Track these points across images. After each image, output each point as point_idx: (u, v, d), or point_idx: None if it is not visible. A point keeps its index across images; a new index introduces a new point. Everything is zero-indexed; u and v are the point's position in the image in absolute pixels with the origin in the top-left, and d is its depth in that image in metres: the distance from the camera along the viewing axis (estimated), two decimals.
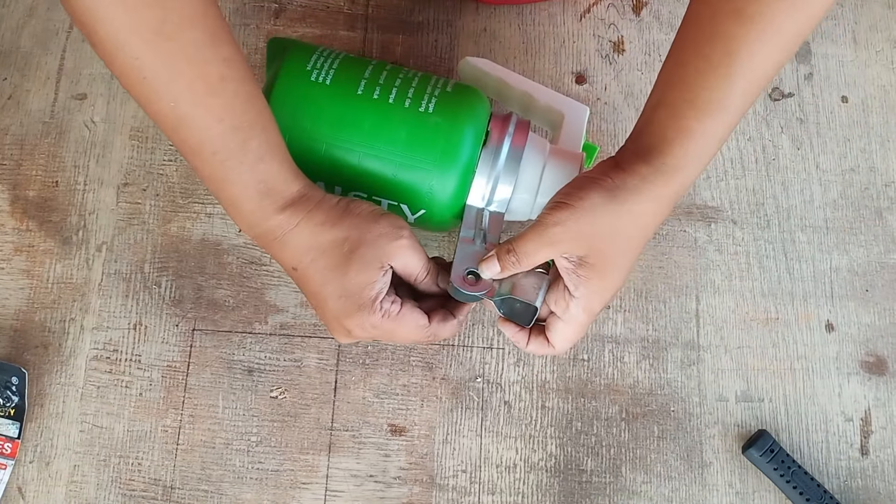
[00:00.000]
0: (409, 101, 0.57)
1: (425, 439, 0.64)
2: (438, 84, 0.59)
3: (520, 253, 0.52)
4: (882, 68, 0.75)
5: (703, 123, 0.49)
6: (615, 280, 0.53)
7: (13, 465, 0.62)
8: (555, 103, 0.63)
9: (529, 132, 0.59)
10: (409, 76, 0.59)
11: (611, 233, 0.50)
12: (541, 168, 0.58)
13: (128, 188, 0.68)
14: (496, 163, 0.57)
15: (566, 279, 0.52)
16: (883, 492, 0.65)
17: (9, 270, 0.66)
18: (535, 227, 0.51)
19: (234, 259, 0.67)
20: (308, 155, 0.57)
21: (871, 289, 0.69)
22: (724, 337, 0.67)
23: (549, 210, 0.51)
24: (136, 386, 0.65)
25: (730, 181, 0.71)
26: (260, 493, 0.63)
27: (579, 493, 0.64)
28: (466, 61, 0.65)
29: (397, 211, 0.60)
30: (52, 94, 0.70)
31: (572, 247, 0.50)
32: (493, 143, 0.58)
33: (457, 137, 0.57)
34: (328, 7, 0.74)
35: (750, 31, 0.47)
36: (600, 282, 0.52)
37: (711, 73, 0.48)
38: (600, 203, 0.49)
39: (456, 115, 0.57)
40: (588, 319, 0.53)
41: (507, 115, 0.59)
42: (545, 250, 0.51)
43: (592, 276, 0.51)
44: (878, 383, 0.67)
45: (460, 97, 0.59)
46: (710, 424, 0.66)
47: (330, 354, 0.66)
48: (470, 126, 0.57)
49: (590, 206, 0.49)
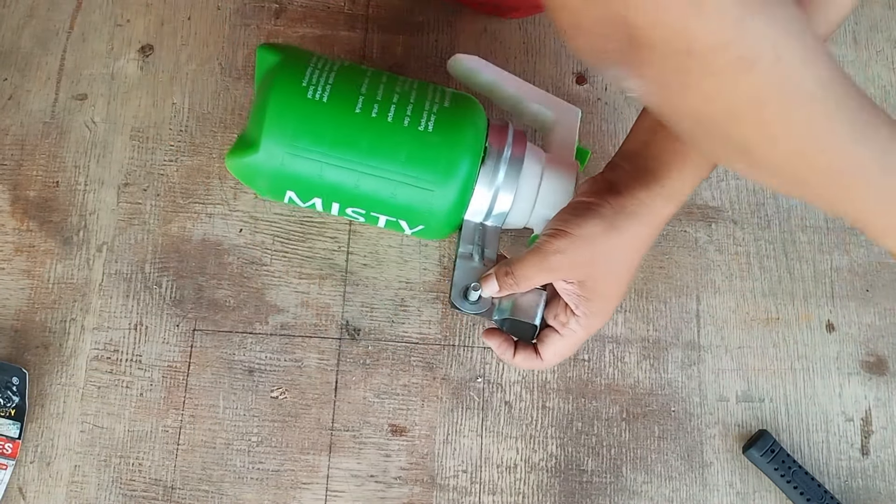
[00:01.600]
0: (409, 120, 0.57)
1: (426, 439, 0.64)
2: (436, 98, 0.58)
3: (518, 276, 0.53)
4: (882, 68, 0.75)
5: None
6: (614, 300, 0.54)
7: (14, 466, 0.62)
8: (546, 105, 0.63)
9: (527, 143, 0.59)
10: (407, 89, 0.58)
11: (608, 259, 0.51)
12: (538, 179, 0.58)
13: (128, 188, 0.68)
14: (496, 177, 0.57)
15: (567, 299, 0.53)
16: (883, 492, 0.65)
17: (9, 270, 0.66)
18: (534, 252, 0.52)
19: (234, 259, 0.67)
20: (305, 172, 0.57)
21: (872, 289, 0.69)
22: (724, 337, 0.67)
23: (547, 237, 0.51)
24: (137, 386, 0.65)
25: (730, 181, 0.71)
26: (260, 494, 0.63)
27: (580, 493, 0.64)
28: (456, 59, 0.64)
29: (395, 227, 0.60)
30: (52, 95, 0.70)
31: (570, 274, 0.52)
32: (492, 157, 0.58)
33: (457, 156, 0.56)
34: (328, 7, 0.74)
35: None
36: (600, 303, 0.53)
37: None
38: (599, 231, 0.50)
39: (456, 133, 0.57)
40: (585, 337, 0.55)
41: (503, 126, 0.59)
42: (544, 276, 0.52)
43: (592, 297, 0.52)
44: (878, 383, 0.67)
45: (459, 113, 0.58)
46: (711, 424, 0.66)
47: (330, 354, 0.66)
48: (469, 144, 0.57)
49: (589, 234, 0.50)
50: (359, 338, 0.66)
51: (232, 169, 0.59)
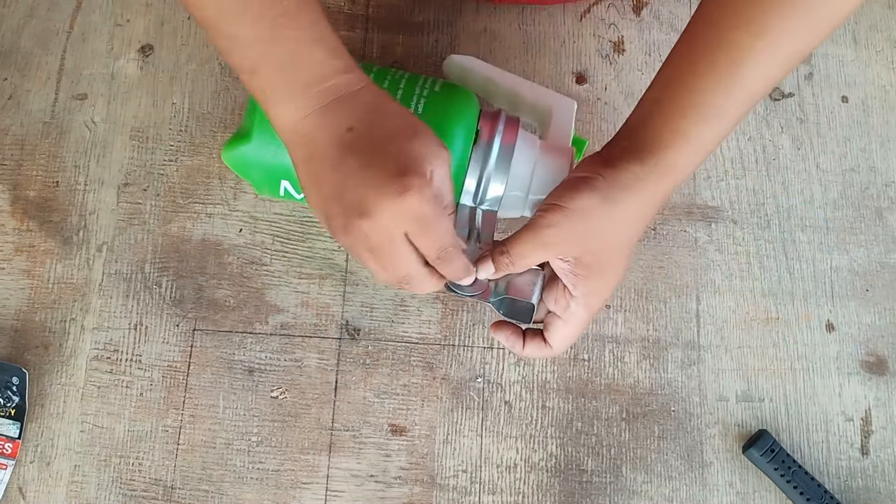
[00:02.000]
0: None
1: (426, 439, 0.64)
2: (427, 84, 0.59)
3: (514, 254, 0.52)
4: (882, 68, 0.75)
5: (700, 128, 0.49)
6: (612, 278, 0.53)
7: (14, 466, 0.62)
8: (542, 98, 0.63)
9: (519, 129, 0.59)
10: (397, 77, 0.59)
11: (604, 233, 0.50)
12: (532, 165, 0.58)
13: (128, 188, 0.68)
14: (487, 161, 0.57)
15: (564, 279, 0.52)
16: (883, 491, 0.65)
17: (9, 270, 0.66)
18: (528, 228, 0.51)
19: (234, 259, 0.67)
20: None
21: (872, 289, 0.69)
22: (724, 337, 0.68)
23: (542, 212, 0.51)
24: (137, 386, 0.65)
25: (730, 181, 0.71)
26: (260, 494, 0.63)
27: (580, 493, 0.64)
28: (451, 59, 0.64)
29: None
30: (52, 95, 0.70)
31: (566, 249, 0.51)
32: (483, 141, 0.57)
33: (447, 139, 0.56)
34: (328, 7, 0.74)
35: (757, 43, 0.47)
36: (598, 280, 0.52)
37: (714, 78, 0.48)
38: (593, 205, 0.50)
39: (445, 116, 0.57)
40: (588, 317, 0.54)
41: (496, 112, 0.59)
42: (539, 252, 0.51)
43: (589, 274, 0.51)
44: (878, 383, 0.67)
45: (449, 97, 0.58)
46: (711, 424, 0.66)
47: (330, 354, 0.66)
48: (459, 126, 0.57)
49: (583, 207, 0.50)
50: (359, 338, 0.66)
51: (227, 161, 0.60)
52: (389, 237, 0.47)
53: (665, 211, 0.70)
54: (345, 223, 0.47)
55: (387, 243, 0.48)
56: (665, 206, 0.54)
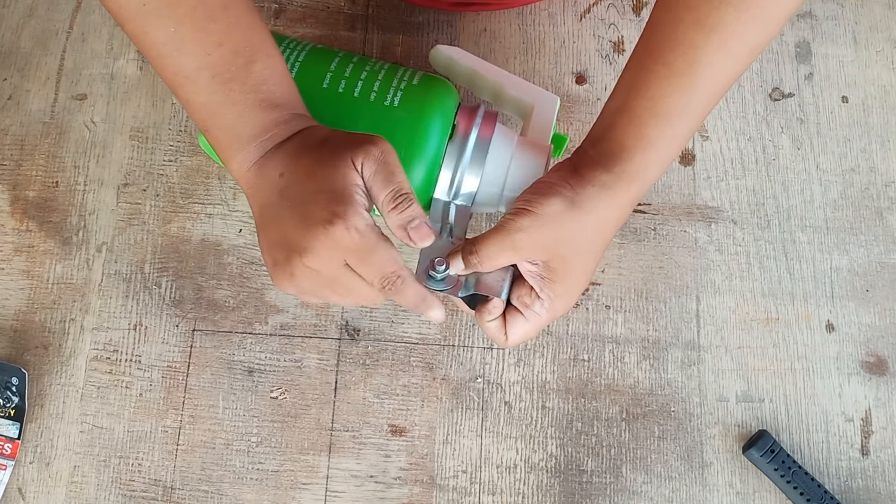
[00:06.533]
0: (375, 95, 0.57)
1: (426, 440, 0.64)
2: (405, 77, 0.58)
3: (482, 255, 0.52)
4: (882, 68, 0.75)
5: (663, 131, 0.50)
6: (578, 284, 0.53)
7: (13, 466, 0.62)
8: (525, 93, 0.63)
9: (497, 124, 0.58)
10: (376, 68, 0.59)
11: (573, 239, 0.51)
12: (507, 161, 0.58)
13: (128, 188, 0.68)
14: (462, 156, 0.57)
15: (531, 281, 0.53)
16: (883, 492, 0.65)
17: (9, 271, 0.66)
18: (497, 231, 0.51)
19: (234, 259, 0.67)
20: None
21: (872, 289, 0.69)
22: (724, 337, 0.67)
23: (511, 215, 0.51)
24: (137, 386, 0.65)
25: (730, 181, 0.71)
26: (260, 494, 0.63)
27: (580, 493, 0.64)
28: (437, 49, 0.64)
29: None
30: (52, 95, 0.70)
31: (534, 253, 0.51)
32: (459, 136, 0.57)
33: (422, 131, 0.56)
34: (328, 7, 0.74)
35: (711, 41, 0.47)
36: (564, 284, 0.52)
37: (673, 81, 0.49)
38: (562, 211, 0.50)
39: (421, 108, 0.57)
40: (548, 320, 0.54)
41: (474, 107, 0.59)
42: (507, 255, 0.51)
43: (556, 278, 0.52)
44: (878, 383, 0.67)
45: (426, 90, 0.58)
46: (711, 425, 0.66)
47: (330, 355, 0.66)
48: (435, 119, 0.57)
49: (551, 213, 0.50)
50: (358, 338, 0.66)
51: (203, 145, 0.61)
52: (335, 268, 0.48)
53: (665, 211, 0.70)
54: (291, 269, 0.48)
55: (336, 275, 0.48)
56: (633, 208, 0.54)
